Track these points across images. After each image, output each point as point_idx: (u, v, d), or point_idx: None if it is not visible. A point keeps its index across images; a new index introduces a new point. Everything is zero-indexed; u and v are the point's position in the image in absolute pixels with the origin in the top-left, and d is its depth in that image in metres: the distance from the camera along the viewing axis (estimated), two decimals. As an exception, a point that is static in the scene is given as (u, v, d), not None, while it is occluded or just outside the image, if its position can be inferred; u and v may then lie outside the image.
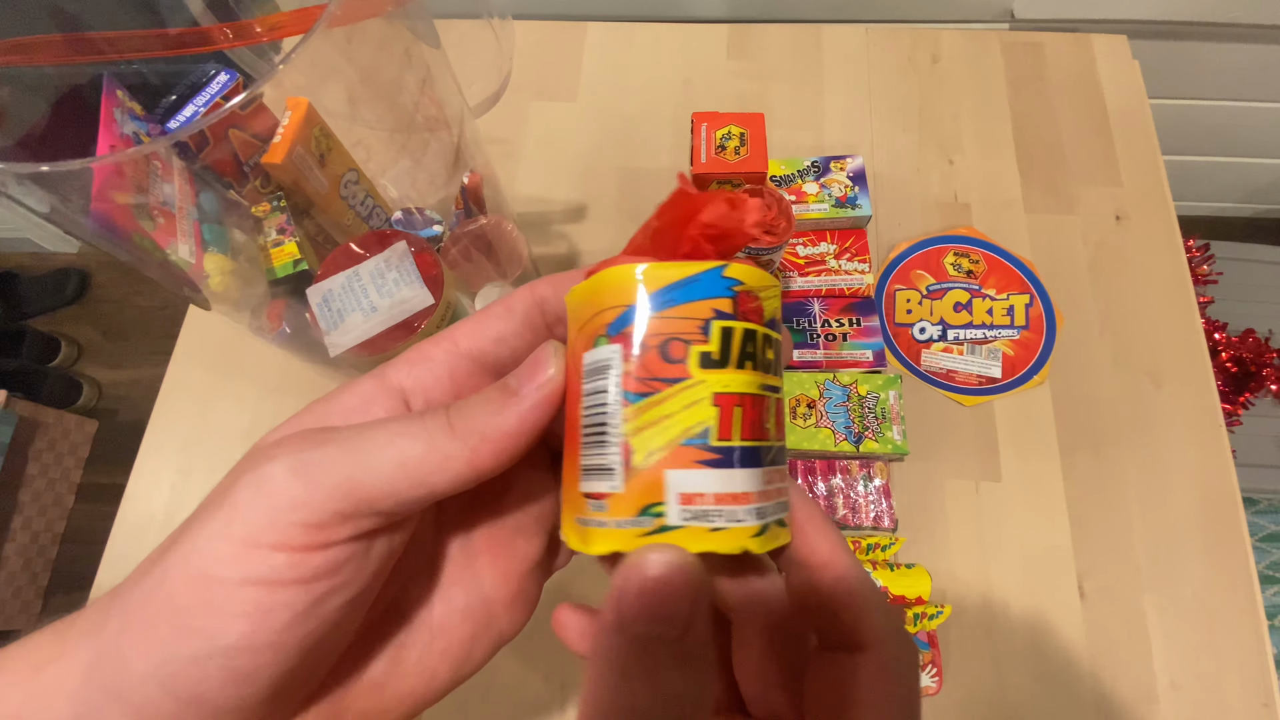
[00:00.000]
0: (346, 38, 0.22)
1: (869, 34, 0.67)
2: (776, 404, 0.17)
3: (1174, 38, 0.85)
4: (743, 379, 0.16)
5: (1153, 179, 0.60)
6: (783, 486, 0.17)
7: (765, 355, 0.16)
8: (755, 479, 0.15)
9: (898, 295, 0.56)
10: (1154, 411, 0.53)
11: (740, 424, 0.15)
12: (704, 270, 0.16)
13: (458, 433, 0.15)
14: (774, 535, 0.16)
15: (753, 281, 0.16)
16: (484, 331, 0.18)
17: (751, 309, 0.16)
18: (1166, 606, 0.47)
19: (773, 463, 0.16)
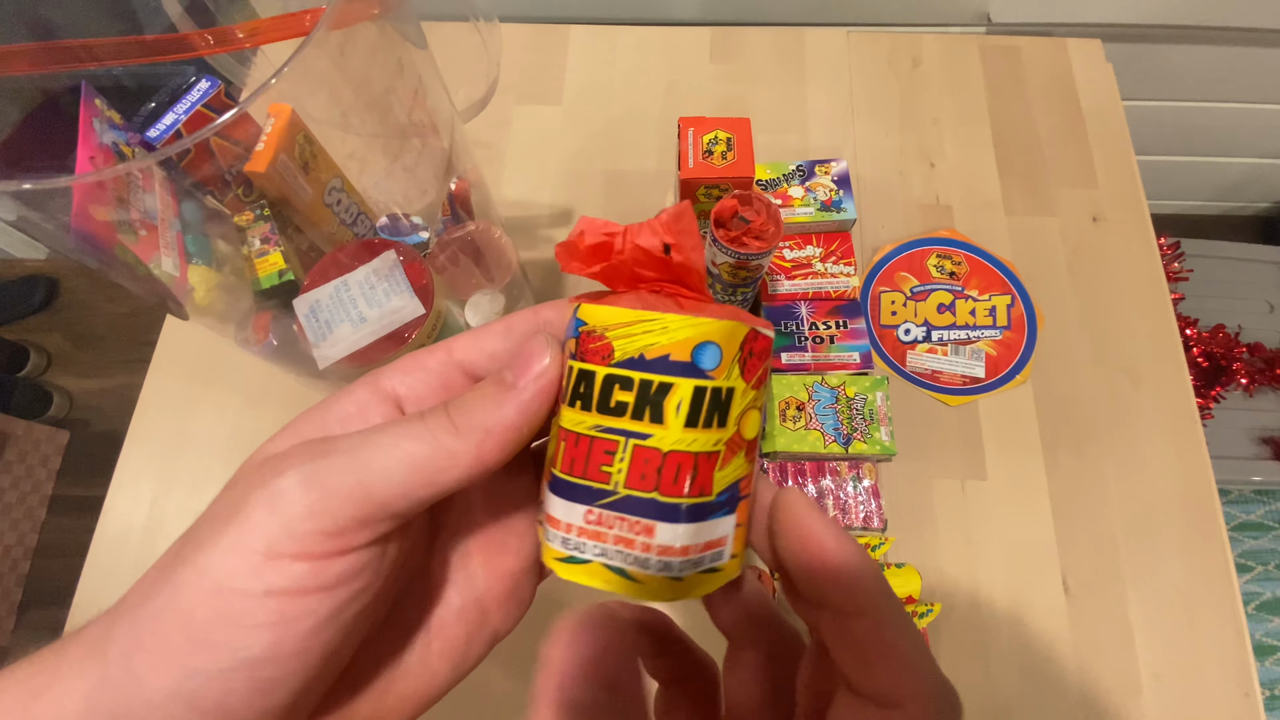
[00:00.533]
0: (340, 49, 0.22)
1: (850, 37, 0.68)
2: (636, 451, 0.16)
3: (1144, 40, 0.87)
4: (571, 417, 0.17)
5: (1128, 181, 0.62)
6: (624, 536, 0.16)
7: (609, 398, 0.16)
8: (569, 511, 0.16)
9: (882, 297, 0.56)
10: (1132, 408, 0.54)
11: (562, 456, 0.17)
12: (574, 309, 0.17)
13: (461, 430, 0.16)
14: (589, 573, 0.16)
15: (596, 321, 0.16)
16: (480, 346, 0.18)
17: (591, 349, 0.16)
18: (1147, 599, 0.49)
19: (609, 507, 0.16)
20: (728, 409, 0.16)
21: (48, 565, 1.24)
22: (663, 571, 0.16)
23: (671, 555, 0.16)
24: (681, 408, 0.16)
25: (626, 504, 0.16)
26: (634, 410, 0.16)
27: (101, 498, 0.51)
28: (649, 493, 0.16)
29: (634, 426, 0.16)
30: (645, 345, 0.16)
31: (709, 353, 0.16)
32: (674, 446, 0.16)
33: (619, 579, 0.16)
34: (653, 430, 0.16)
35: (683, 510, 0.16)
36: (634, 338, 0.16)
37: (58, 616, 0.43)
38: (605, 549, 0.16)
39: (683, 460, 0.16)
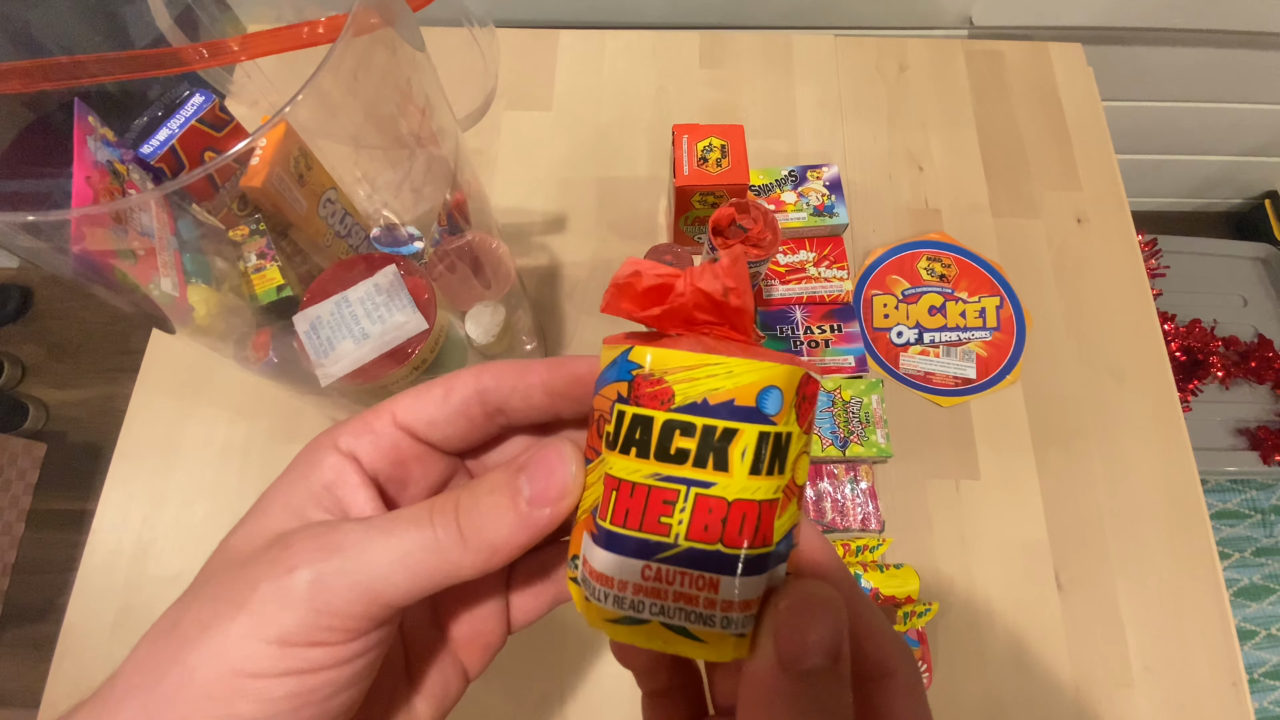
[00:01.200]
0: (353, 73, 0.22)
1: (838, 42, 0.68)
2: (699, 501, 0.15)
3: (1122, 42, 0.89)
4: (623, 465, 0.16)
5: (1110, 183, 0.63)
6: (686, 592, 0.15)
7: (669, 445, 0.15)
8: (624, 568, 0.16)
9: (875, 300, 0.57)
10: (1117, 406, 0.55)
11: (614, 508, 0.16)
12: (619, 353, 0.17)
13: (470, 545, 0.16)
14: (648, 634, 0.16)
15: (656, 365, 0.16)
16: (418, 412, 0.18)
17: (648, 394, 0.16)
18: (1136, 592, 0.50)
19: (670, 561, 0.15)
20: (786, 455, 0.16)
21: (28, 581, 1.21)
22: (726, 628, 0.15)
23: (735, 611, 0.15)
24: (747, 454, 0.15)
25: (688, 558, 0.15)
26: (696, 458, 0.15)
27: (82, 511, 0.51)
28: (713, 544, 0.15)
29: (696, 475, 0.15)
30: (709, 390, 0.15)
31: (773, 398, 0.15)
32: (739, 495, 0.15)
33: (680, 639, 0.16)
34: (716, 478, 0.15)
35: (749, 561, 0.15)
36: (696, 382, 0.15)
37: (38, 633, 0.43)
38: (665, 607, 0.15)
39: (748, 509, 0.15)
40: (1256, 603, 1.14)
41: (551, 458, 0.16)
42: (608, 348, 0.17)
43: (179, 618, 0.15)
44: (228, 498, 0.52)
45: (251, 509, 0.17)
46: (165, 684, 0.14)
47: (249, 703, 0.14)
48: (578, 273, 0.58)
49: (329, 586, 0.15)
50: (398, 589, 0.15)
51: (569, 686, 0.47)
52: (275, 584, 0.15)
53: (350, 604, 0.15)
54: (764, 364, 0.16)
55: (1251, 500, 1.20)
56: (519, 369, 0.18)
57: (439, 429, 0.18)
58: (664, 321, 0.17)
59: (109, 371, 1.41)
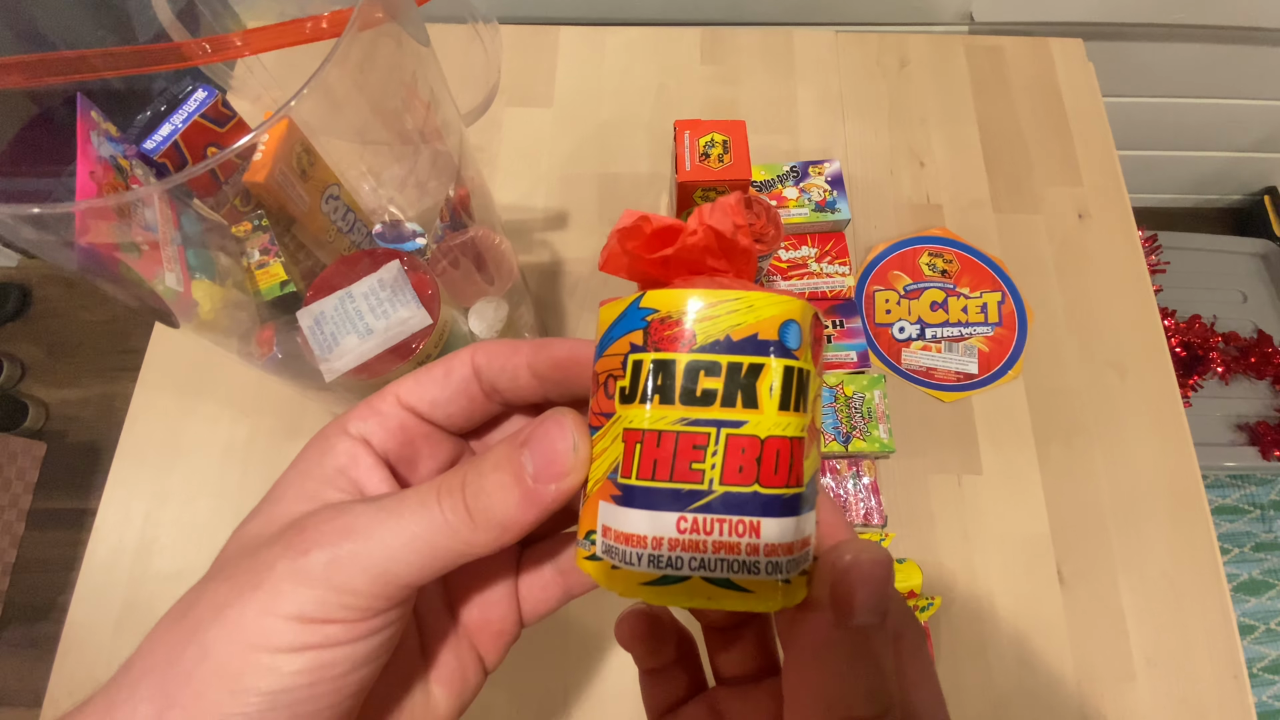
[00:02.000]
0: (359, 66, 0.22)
1: (838, 38, 0.68)
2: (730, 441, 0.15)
3: (1122, 38, 0.89)
4: (646, 414, 0.15)
5: (1110, 178, 0.63)
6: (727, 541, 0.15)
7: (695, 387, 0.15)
8: (657, 523, 0.15)
9: (876, 296, 0.57)
10: (1119, 400, 0.55)
11: (638, 462, 0.15)
12: (628, 304, 0.16)
13: (479, 524, 0.16)
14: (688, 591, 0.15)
15: (674, 306, 0.15)
16: (420, 393, 0.19)
17: (667, 336, 0.15)
18: (1138, 586, 0.50)
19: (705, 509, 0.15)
20: (808, 392, 0.15)
21: (29, 580, 1.21)
22: (773, 574, 0.15)
23: (779, 555, 0.15)
24: (775, 389, 0.15)
25: (726, 503, 0.15)
26: (724, 397, 0.15)
27: (82, 510, 0.50)
28: (749, 486, 0.15)
29: (726, 414, 0.15)
30: (731, 326, 0.15)
31: (793, 331, 0.15)
32: (771, 432, 0.15)
33: (724, 592, 0.15)
34: (748, 416, 0.15)
35: (786, 501, 0.15)
36: (718, 319, 0.15)
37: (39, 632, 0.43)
38: (706, 559, 0.15)
39: (781, 446, 0.15)
40: (1256, 598, 1.14)
41: (552, 430, 0.16)
42: (608, 307, 0.17)
43: (194, 602, 0.15)
44: (230, 495, 0.51)
45: (265, 498, 0.17)
46: (181, 663, 0.14)
47: (265, 676, 0.14)
48: (580, 269, 0.58)
49: (344, 568, 0.15)
50: (410, 568, 0.15)
51: (572, 684, 0.47)
52: (292, 564, 0.15)
53: (366, 584, 0.15)
54: (783, 297, 0.15)
55: (1251, 495, 1.20)
56: (507, 349, 0.18)
57: (441, 408, 0.19)
58: (673, 266, 0.17)
59: (109, 371, 1.41)
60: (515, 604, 0.21)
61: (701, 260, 0.16)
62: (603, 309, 0.17)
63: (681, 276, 0.17)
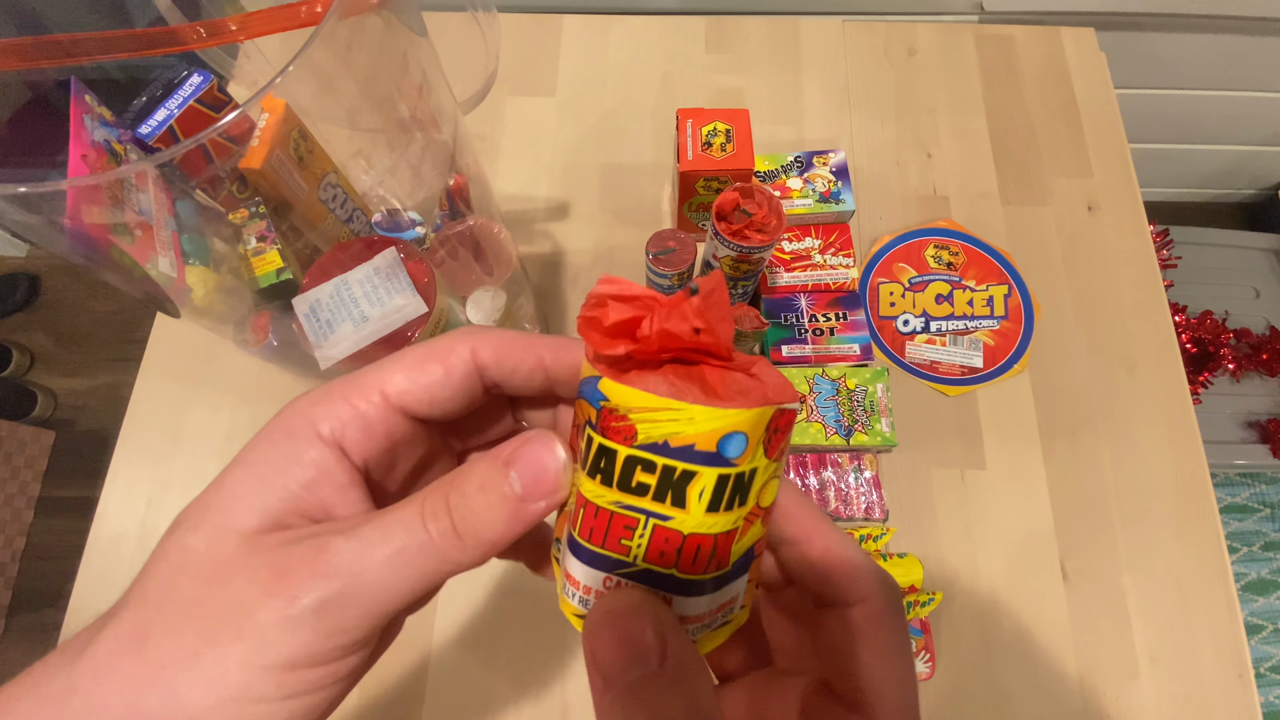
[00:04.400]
0: (346, 44, 0.22)
1: (845, 27, 0.67)
2: (656, 530, 0.16)
3: (1134, 28, 0.88)
4: (590, 488, 0.16)
5: (1121, 170, 0.62)
6: None
7: (631, 478, 0.16)
8: (589, 575, 0.16)
9: (881, 288, 0.57)
10: (1127, 396, 0.54)
11: (581, 523, 0.16)
12: (589, 375, 0.16)
13: (468, 544, 0.15)
14: None
15: (620, 401, 0.16)
16: (417, 391, 0.17)
17: (613, 427, 0.16)
18: (1143, 583, 0.49)
19: (629, 577, 0.16)
20: (749, 489, 0.16)
21: (36, 567, 1.23)
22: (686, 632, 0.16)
23: (688, 622, 0.16)
24: (704, 495, 0.15)
25: (646, 576, 0.16)
26: (655, 492, 0.16)
27: (90, 498, 0.51)
28: (668, 569, 0.16)
29: (655, 508, 0.16)
30: (670, 433, 0.15)
31: (734, 443, 0.15)
32: (694, 530, 0.16)
33: None
34: (674, 514, 0.16)
35: (701, 584, 0.16)
36: (659, 424, 0.15)
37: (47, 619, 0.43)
38: None
39: (703, 542, 0.16)
40: (1264, 597, 1.13)
41: (539, 452, 0.16)
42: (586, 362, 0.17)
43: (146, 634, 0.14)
44: (231, 483, 0.51)
45: (210, 499, 0.16)
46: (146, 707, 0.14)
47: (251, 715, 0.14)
48: (581, 260, 0.58)
49: (334, 610, 0.14)
50: (400, 596, 0.15)
51: (570, 669, 0.47)
52: (279, 613, 0.14)
53: (356, 621, 0.14)
54: (728, 412, 0.15)
55: (1261, 494, 1.19)
56: (519, 348, 0.17)
57: (440, 407, 0.17)
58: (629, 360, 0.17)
59: (116, 360, 1.42)
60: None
61: (658, 355, 0.16)
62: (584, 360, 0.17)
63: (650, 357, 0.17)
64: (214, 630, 0.14)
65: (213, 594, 0.14)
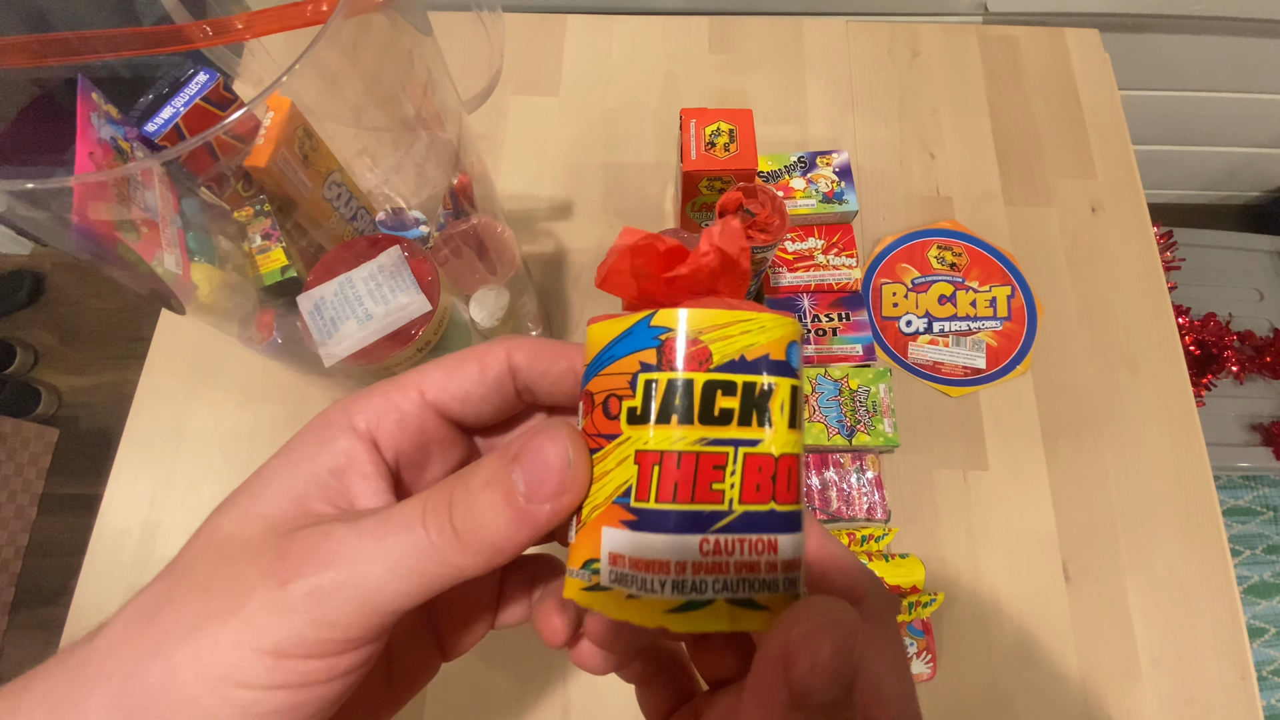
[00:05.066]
0: (351, 42, 0.22)
1: (849, 27, 0.67)
2: (748, 460, 0.15)
3: (1138, 30, 0.88)
4: (664, 434, 0.15)
5: (1125, 171, 0.62)
6: (748, 560, 0.14)
7: (713, 406, 0.15)
8: (680, 547, 0.14)
9: (884, 289, 0.57)
10: (1130, 398, 0.54)
11: (657, 485, 0.14)
12: (634, 322, 0.16)
13: (468, 547, 0.15)
14: (713, 615, 0.14)
15: (691, 324, 0.15)
16: (452, 389, 0.17)
17: (687, 355, 0.15)
18: (1145, 585, 0.49)
19: (726, 529, 0.14)
20: (802, 410, 0.16)
21: (40, 564, 1.23)
22: (790, 589, 0.15)
23: (794, 570, 0.15)
24: (785, 408, 0.15)
25: (745, 522, 0.15)
26: (741, 416, 0.15)
27: (93, 496, 0.51)
28: (765, 504, 0.15)
29: (743, 434, 0.15)
30: (745, 346, 0.15)
31: (796, 351, 0.16)
32: (783, 449, 0.15)
33: (746, 612, 0.14)
34: (762, 435, 0.15)
35: (795, 517, 0.15)
36: (732, 339, 0.15)
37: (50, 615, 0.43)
38: (729, 580, 0.14)
39: (791, 464, 0.15)
40: (1266, 600, 1.13)
41: (545, 446, 0.15)
42: (600, 325, 0.16)
43: (161, 605, 0.14)
44: (235, 480, 0.51)
45: (246, 485, 0.16)
46: (144, 678, 0.14)
47: (234, 713, 0.13)
48: (584, 259, 0.58)
49: (326, 599, 0.14)
50: (396, 596, 0.14)
51: (571, 667, 0.47)
52: (270, 594, 0.14)
53: (348, 615, 0.14)
54: (788, 319, 0.15)
55: (1263, 497, 1.19)
56: (552, 352, 0.17)
57: (473, 406, 0.17)
58: (678, 286, 0.17)
59: (120, 358, 1.42)
60: (495, 599, 0.20)
61: (709, 281, 0.16)
62: (593, 327, 0.16)
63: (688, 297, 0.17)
64: (215, 607, 0.14)
65: (222, 571, 0.14)
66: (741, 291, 0.17)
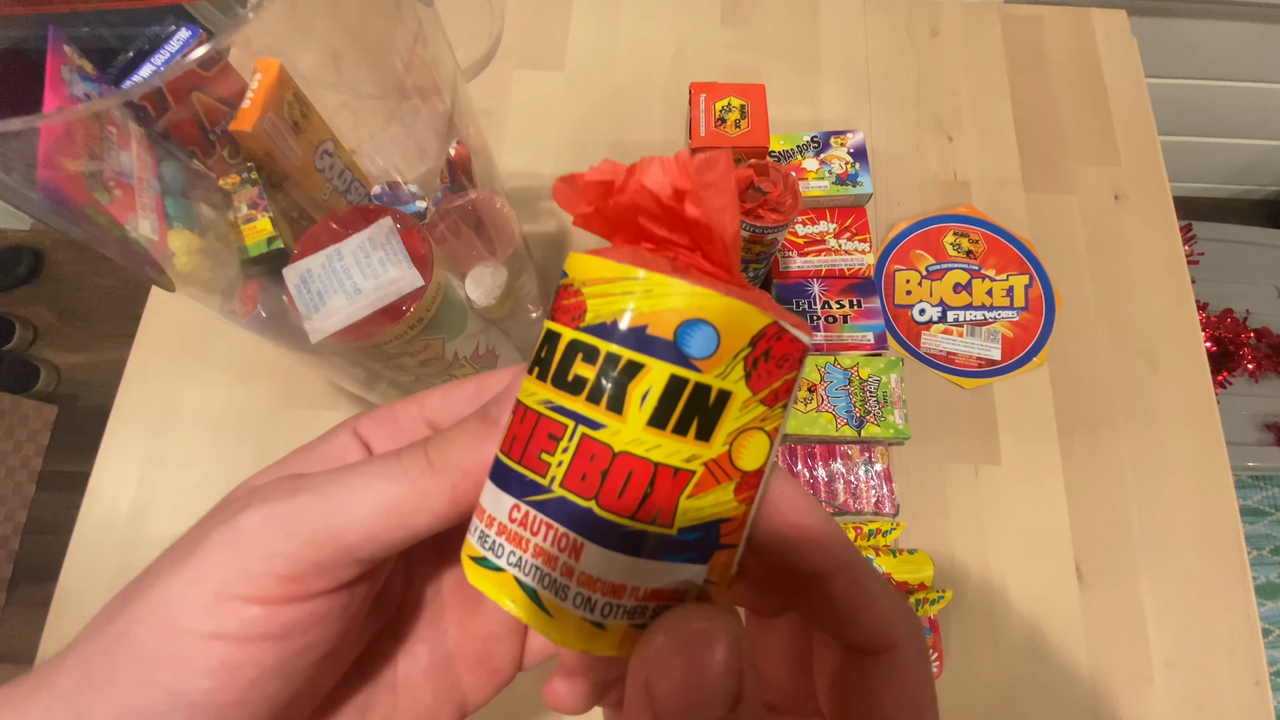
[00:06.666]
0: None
1: (866, 5, 0.65)
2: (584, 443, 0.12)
3: (1164, 14, 0.85)
4: (529, 386, 0.14)
5: (1150, 158, 0.60)
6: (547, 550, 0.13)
7: (568, 370, 0.13)
8: (496, 502, 0.13)
9: (897, 276, 0.55)
10: (1149, 393, 0.52)
11: (507, 433, 0.14)
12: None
13: (437, 469, 0.14)
14: (499, 585, 0.13)
15: (575, 273, 0.13)
16: (450, 405, 0.17)
17: (562, 306, 0.13)
18: (1160, 586, 0.48)
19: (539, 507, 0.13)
20: (715, 419, 0.12)
21: (38, 541, 1.23)
22: (581, 609, 0.12)
23: (597, 591, 0.12)
24: (648, 398, 0.12)
25: (558, 508, 0.13)
26: (591, 389, 0.12)
27: (91, 473, 0.50)
28: (586, 500, 0.12)
29: (587, 410, 0.12)
30: (621, 310, 0.12)
31: (700, 334, 0.12)
32: (628, 447, 0.12)
33: (529, 603, 0.13)
34: (607, 420, 0.12)
35: (624, 535, 0.12)
36: (611, 298, 0.12)
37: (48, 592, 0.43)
38: (522, 559, 0.13)
39: (636, 467, 0.12)
40: (1274, 601, 1.11)
41: (504, 372, 0.16)
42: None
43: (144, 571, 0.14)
44: (224, 460, 0.50)
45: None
46: (104, 635, 0.13)
47: (169, 668, 0.12)
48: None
49: (281, 526, 0.13)
50: (359, 527, 0.13)
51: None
52: (227, 525, 0.13)
53: (304, 547, 0.13)
54: (696, 289, 0.12)
55: (1273, 498, 1.17)
56: None
57: None
58: (606, 227, 0.14)
59: (120, 336, 1.41)
60: (521, 638, 0.19)
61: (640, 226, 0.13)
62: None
63: (625, 238, 0.14)
64: (176, 553, 0.13)
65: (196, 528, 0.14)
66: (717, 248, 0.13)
